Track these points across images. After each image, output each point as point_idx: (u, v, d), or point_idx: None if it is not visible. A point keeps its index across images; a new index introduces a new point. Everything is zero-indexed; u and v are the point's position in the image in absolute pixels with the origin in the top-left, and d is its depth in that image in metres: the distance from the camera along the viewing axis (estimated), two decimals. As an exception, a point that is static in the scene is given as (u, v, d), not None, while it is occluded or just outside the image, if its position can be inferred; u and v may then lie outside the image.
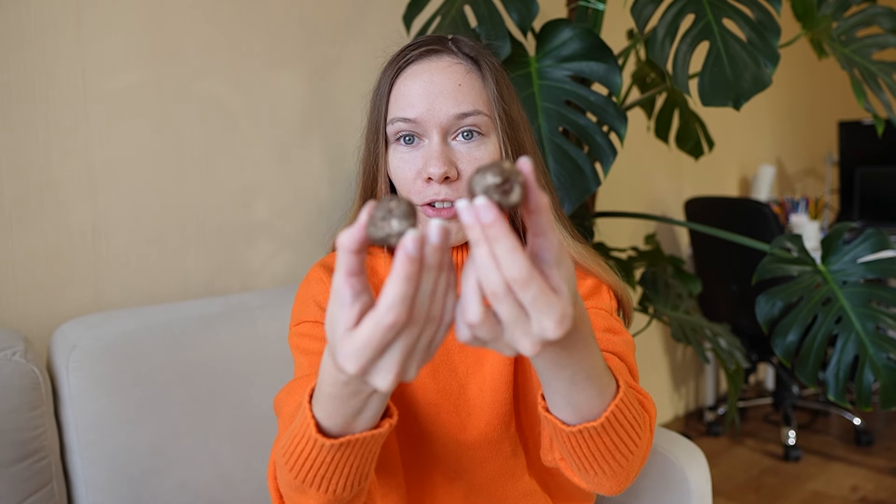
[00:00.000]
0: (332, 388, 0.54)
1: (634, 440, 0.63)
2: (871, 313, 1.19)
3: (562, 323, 0.44)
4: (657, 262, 1.75)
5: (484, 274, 0.43)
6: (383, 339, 0.45)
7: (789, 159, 3.59)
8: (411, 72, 0.79)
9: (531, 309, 0.44)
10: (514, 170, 0.44)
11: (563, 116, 1.19)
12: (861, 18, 1.39)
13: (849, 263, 1.24)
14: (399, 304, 0.43)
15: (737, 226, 2.34)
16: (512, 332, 0.45)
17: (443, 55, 0.80)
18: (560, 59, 1.22)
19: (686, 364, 2.90)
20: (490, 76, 0.79)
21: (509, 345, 0.47)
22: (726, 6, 1.20)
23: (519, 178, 0.44)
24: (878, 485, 2.29)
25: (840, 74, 1.37)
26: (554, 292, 0.45)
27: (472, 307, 0.45)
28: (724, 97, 1.13)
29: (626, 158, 2.38)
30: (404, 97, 0.78)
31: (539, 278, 0.44)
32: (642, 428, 0.65)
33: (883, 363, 1.16)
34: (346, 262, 0.45)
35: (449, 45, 0.81)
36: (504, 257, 0.42)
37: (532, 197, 0.44)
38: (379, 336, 0.44)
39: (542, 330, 0.44)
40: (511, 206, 0.44)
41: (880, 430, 2.67)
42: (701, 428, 2.76)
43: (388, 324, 0.44)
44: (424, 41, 0.82)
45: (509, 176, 0.43)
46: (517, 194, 0.44)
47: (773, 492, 2.28)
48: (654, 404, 0.72)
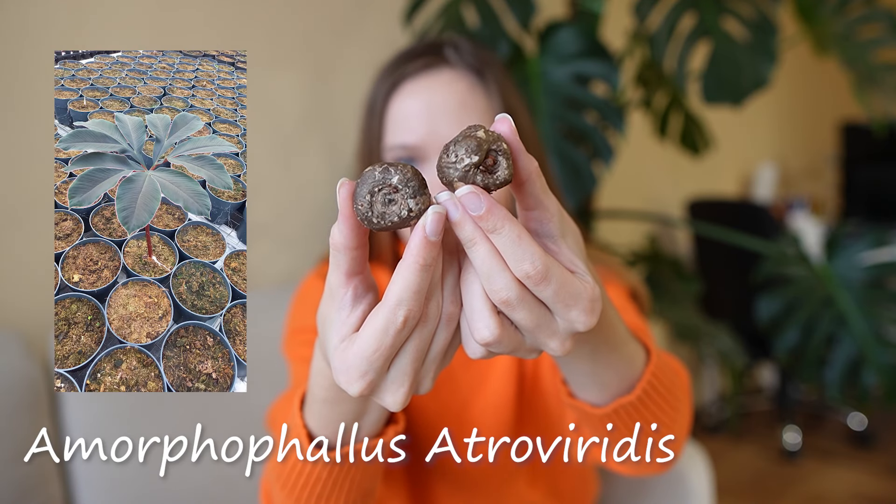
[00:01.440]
0: (326, 391, 0.49)
1: (675, 406, 0.56)
2: (871, 313, 1.19)
3: (592, 310, 0.38)
4: (657, 262, 1.75)
5: (489, 280, 0.36)
6: (394, 344, 0.37)
7: (790, 159, 3.58)
8: (409, 89, 0.73)
9: (555, 304, 0.37)
10: (494, 136, 0.36)
11: (564, 117, 1.19)
12: (861, 18, 1.39)
13: (849, 264, 1.24)
14: (412, 298, 0.36)
15: (738, 227, 2.34)
16: (535, 336, 0.38)
17: (443, 69, 0.73)
18: (560, 60, 1.22)
19: (686, 364, 2.89)
20: (495, 87, 0.73)
21: (532, 349, 0.40)
22: (726, 6, 1.20)
23: (501, 146, 0.35)
24: (878, 485, 2.29)
25: (840, 74, 1.36)
26: (573, 274, 0.38)
27: (483, 323, 0.37)
28: (725, 96, 1.14)
29: (627, 158, 2.37)
30: (402, 119, 0.72)
31: (557, 266, 0.37)
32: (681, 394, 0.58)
33: (884, 363, 1.16)
34: (345, 262, 0.38)
35: (448, 55, 0.74)
36: (511, 251, 0.35)
37: (520, 164, 0.37)
38: (389, 340, 0.36)
39: (571, 323, 0.38)
40: (500, 184, 0.36)
41: (880, 431, 2.67)
42: (701, 428, 2.76)
43: (400, 323, 0.36)
44: (421, 50, 0.75)
45: (489, 147, 0.35)
46: (505, 168, 0.36)
47: (773, 492, 2.28)
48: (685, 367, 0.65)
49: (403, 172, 0.34)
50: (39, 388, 0.97)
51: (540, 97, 1.20)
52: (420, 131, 0.70)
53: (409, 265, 0.35)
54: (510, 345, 0.38)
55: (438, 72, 0.73)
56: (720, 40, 1.17)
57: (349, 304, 0.39)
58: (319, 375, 0.49)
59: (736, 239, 1.39)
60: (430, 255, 0.35)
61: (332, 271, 0.39)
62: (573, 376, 0.53)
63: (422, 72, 0.73)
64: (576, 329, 0.38)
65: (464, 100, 0.71)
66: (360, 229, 0.37)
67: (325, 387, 0.48)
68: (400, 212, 0.35)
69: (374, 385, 0.38)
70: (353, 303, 0.39)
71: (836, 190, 3.58)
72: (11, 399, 0.93)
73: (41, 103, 1.13)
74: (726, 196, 2.99)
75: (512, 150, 0.36)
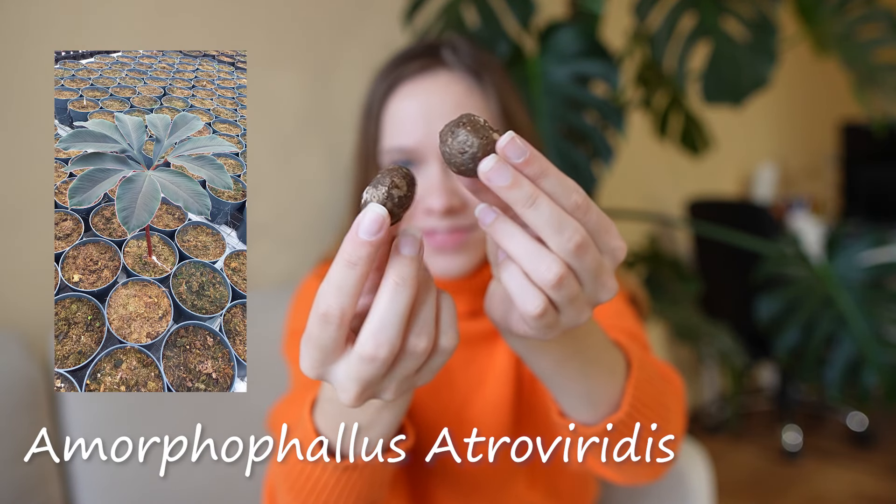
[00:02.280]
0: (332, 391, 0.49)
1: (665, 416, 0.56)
2: (872, 313, 1.19)
3: (620, 239, 0.40)
4: (657, 262, 1.75)
5: (560, 229, 0.37)
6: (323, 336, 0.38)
7: (790, 159, 3.58)
8: (405, 91, 0.72)
9: (598, 230, 0.39)
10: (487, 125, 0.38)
11: (564, 117, 1.19)
12: (861, 18, 1.39)
13: (849, 264, 1.24)
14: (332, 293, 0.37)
15: (738, 227, 2.34)
16: (595, 279, 0.39)
17: (439, 72, 0.73)
18: (561, 60, 1.22)
19: (686, 364, 2.89)
20: (493, 90, 0.73)
21: (591, 299, 0.41)
22: (726, 6, 1.20)
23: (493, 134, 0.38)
24: (878, 485, 2.29)
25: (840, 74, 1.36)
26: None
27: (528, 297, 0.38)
28: (725, 96, 1.14)
29: (627, 158, 2.37)
30: (399, 122, 0.72)
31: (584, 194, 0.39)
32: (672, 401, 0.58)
33: (884, 363, 1.16)
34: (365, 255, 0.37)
35: (445, 58, 0.74)
36: (562, 187, 0.37)
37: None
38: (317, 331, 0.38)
39: (613, 251, 0.40)
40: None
41: (880, 430, 2.67)
42: (701, 428, 2.76)
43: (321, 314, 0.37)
44: (418, 52, 0.75)
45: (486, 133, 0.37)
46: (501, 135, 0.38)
47: (773, 492, 2.28)
48: (678, 374, 0.65)
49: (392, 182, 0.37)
50: (39, 388, 0.97)
51: (540, 97, 1.20)
52: (417, 134, 0.70)
53: (336, 261, 0.36)
54: (570, 291, 0.39)
55: (435, 74, 0.73)
56: (720, 40, 1.17)
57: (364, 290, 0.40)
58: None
59: (736, 239, 1.39)
60: (357, 253, 0.36)
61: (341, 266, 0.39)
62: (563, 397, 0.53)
63: (419, 74, 0.73)
64: (618, 257, 0.40)
65: (461, 102, 0.71)
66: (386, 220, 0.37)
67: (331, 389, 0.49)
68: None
69: (318, 371, 0.39)
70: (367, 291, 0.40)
71: (836, 190, 3.58)
72: (11, 399, 0.93)
73: (41, 103, 1.13)
74: (726, 196, 3.00)
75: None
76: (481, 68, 0.74)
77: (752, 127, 3.24)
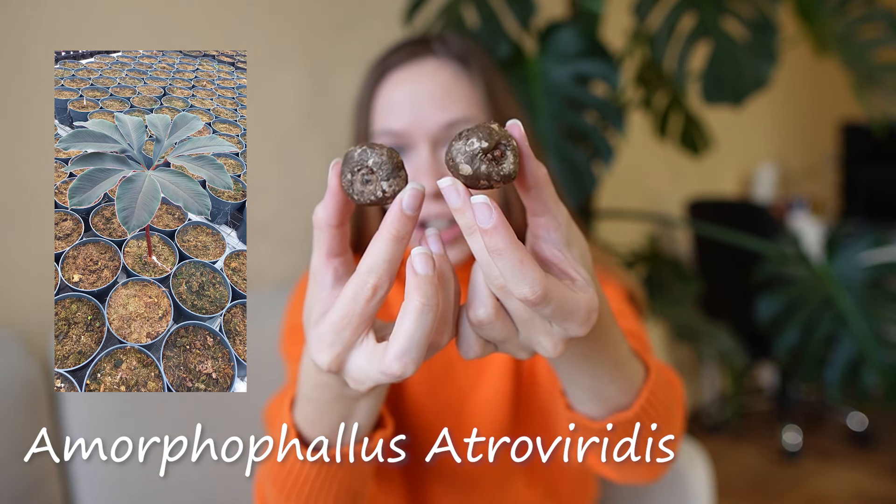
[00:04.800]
0: (312, 391, 0.49)
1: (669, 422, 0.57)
2: (872, 313, 1.19)
3: (588, 321, 0.38)
4: (657, 262, 1.75)
5: (487, 267, 0.37)
6: (362, 313, 0.37)
7: (790, 159, 3.58)
8: (394, 79, 0.74)
9: (551, 319, 0.38)
10: (504, 132, 0.37)
11: (564, 117, 1.19)
12: (861, 18, 1.39)
13: (849, 264, 1.24)
14: (383, 267, 0.37)
15: (738, 227, 2.34)
16: (528, 331, 0.39)
17: (427, 59, 0.75)
18: (560, 60, 1.22)
19: (686, 364, 2.89)
20: (479, 76, 0.74)
21: (524, 346, 0.40)
22: (726, 6, 1.20)
23: (511, 143, 0.37)
24: (878, 485, 2.29)
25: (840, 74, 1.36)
26: (574, 283, 0.39)
27: (480, 301, 0.38)
28: (725, 96, 1.14)
29: (627, 158, 2.37)
30: (388, 107, 0.73)
31: (556, 285, 0.36)
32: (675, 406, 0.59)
33: (884, 363, 1.16)
34: (326, 240, 0.39)
35: (434, 47, 0.76)
36: (511, 274, 0.35)
37: (528, 166, 0.37)
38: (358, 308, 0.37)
39: (565, 330, 0.39)
40: (504, 177, 0.37)
41: (880, 431, 2.67)
42: (701, 428, 2.76)
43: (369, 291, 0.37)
44: (407, 43, 0.77)
45: (499, 139, 0.36)
46: (511, 163, 0.37)
47: (773, 492, 2.28)
48: (678, 375, 0.65)
49: (379, 154, 0.36)
50: (39, 387, 0.97)
51: (540, 97, 1.20)
52: (405, 117, 0.72)
53: (382, 236, 0.36)
54: (503, 332, 0.39)
55: (423, 61, 0.75)
56: (720, 40, 1.17)
57: (329, 285, 0.40)
58: (305, 374, 0.49)
59: (736, 239, 1.39)
60: (404, 228, 0.36)
61: (315, 253, 0.40)
62: (573, 389, 0.53)
63: (406, 61, 0.75)
64: (569, 335, 0.39)
65: (448, 87, 0.73)
66: (344, 207, 0.38)
67: (312, 386, 0.48)
68: (375, 192, 0.37)
69: (341, 359, 0.39)
70: (334, 283, 0.40)
71: (836, 190, 3.58)
72: (11, 399, 0.93)
73: (41, 103, 1.13)
74: (726, 196, 3.00)
75: (521, 150, 0.37)
76: (468, 55, 0.75)
77: (752, 127, 3.24)
